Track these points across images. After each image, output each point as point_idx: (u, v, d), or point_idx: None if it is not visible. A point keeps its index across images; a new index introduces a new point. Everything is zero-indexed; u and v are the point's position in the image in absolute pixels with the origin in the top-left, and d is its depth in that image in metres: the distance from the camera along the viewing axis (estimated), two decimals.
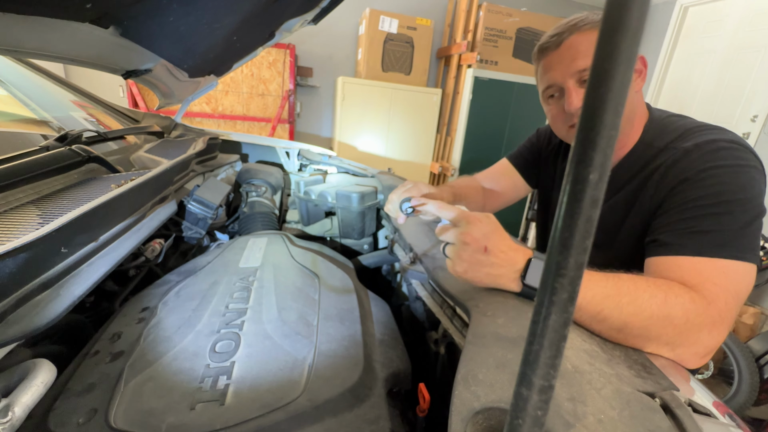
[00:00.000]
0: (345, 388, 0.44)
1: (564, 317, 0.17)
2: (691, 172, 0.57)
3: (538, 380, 0.18)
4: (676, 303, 0.47)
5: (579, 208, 0.16)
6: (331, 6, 0.96)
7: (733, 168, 0.55)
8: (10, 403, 0.35)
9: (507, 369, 0.38)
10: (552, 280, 0.17)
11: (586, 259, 0.17)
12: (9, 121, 0.89)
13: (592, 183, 0.15)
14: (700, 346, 0.48)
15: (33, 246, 0.39)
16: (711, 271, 0.51)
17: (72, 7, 0.54)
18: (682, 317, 0.47)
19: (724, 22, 3.06)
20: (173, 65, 0.93)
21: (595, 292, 0.47)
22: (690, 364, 0.48)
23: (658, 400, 0.38)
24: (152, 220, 0.67)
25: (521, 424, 0.19)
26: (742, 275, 0.51)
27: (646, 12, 0.14)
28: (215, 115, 2.93)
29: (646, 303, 0.47)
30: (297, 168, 1.45)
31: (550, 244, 0.17)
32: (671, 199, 0.59)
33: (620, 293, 0.47)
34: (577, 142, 0.16)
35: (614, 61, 0.15)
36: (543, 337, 0.17)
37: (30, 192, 0.58)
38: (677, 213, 0.57)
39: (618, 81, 0.15)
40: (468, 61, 3.07)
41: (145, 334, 0.51)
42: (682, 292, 0.48)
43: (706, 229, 0.53)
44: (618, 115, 0.15)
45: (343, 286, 0.69)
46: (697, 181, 0.56)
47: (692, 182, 0.57)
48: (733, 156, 0.56)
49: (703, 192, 0.55)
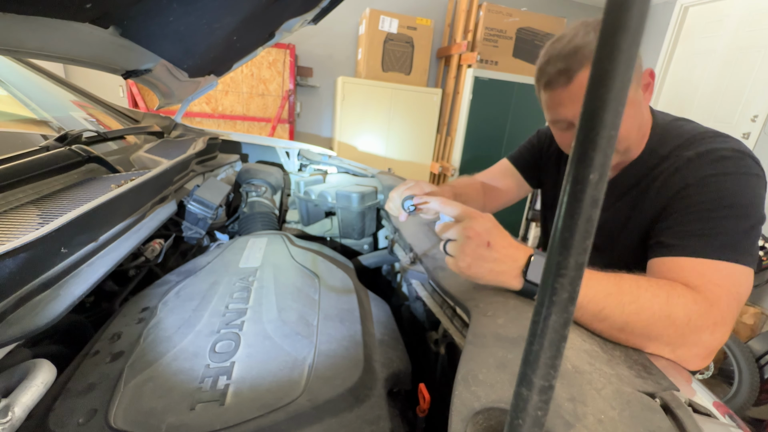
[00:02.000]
0: (345, 388, 0.44)
1: (564, 317, 0.17)
2: (694, 178, 0.58)
3: (538, 380, 0.18)
4: (678, 303, 0.47)
5: (579, 208, 0.16)
6: (331, 6, 0.96)
7: (736, 176, 0.56)
8: (10, 403, 0.35)
9: (507, 369, 0.38)
10: (552, 281, 0.17)
11: (587, 260, 0.17)
12: (9, 121, 0.89)
13: (592, 183, 0.15)
14: (702, 347, 0.48)
15: (33, 246, 0.39)
16: (713, 273, 0.51)
17: (72, 7, 0.54)
18: (684, 317, 0.47)
19: (724, 22, 3.06)
20: (173, 65, 0.93)
21: (596, 290, 0.47)
22: (691, 365, 0.48)
23: (659, 400, 0.38)
24: (152, 220, 0.67)
25: (521, 424, 0.19)
26: (743, 278, 0.51)
27: (646, 12, 0.14)
28: (215, 115, 2.93)
29: (648, 302, 0.46)
30: (297, 168, 1.45)
31: (551, 244, 0.17)
32: (674, 204, 0.59)
33: (622, 292, 0.47)
34: (577, 142, 0.16)
35: (614, 61, 0.15)
36: (543, 337, 0.17)
37: (30, 192, 0.58)
38: (680, 216, 0.57)
39: (618, 81, 0.15)
40: (468, 61, 3.07)
41: (145, 334, 0.51)
42: (685, 293, 0.48)
43: (709, 232, 0.54)
44: (618, 115, 0.15)
45: (343, 286, 0.69)
46: (701, 186, 0.57)
47: (695, 188, 0.57)
48: (736, 165, 0.56)
49: (706, 197, 0.56)
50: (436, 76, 3.54)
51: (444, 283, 0.58)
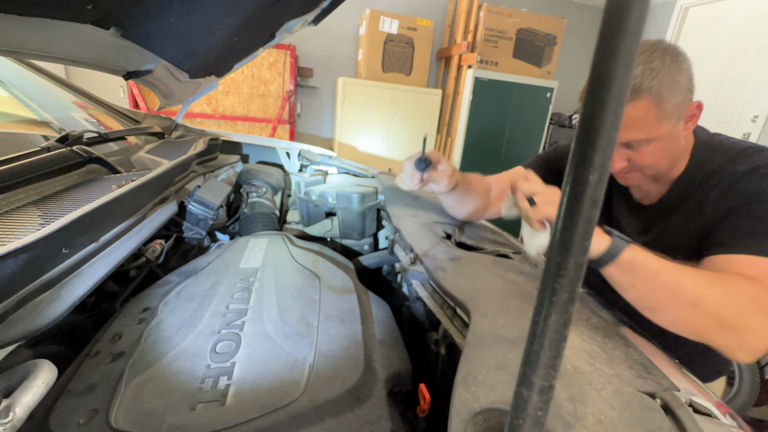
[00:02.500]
0: (345, 388, 0.44)
1: (564, 317, 0.17)
2: (755, 190, 0.60)
3: (538, 380, 0.18)
4: (738, 285, 0.51)
5: (579, 209, 0.16)
6: (331, 7, 0.96)
7: None
8: (11, 403, 0.35)
9: (507, 370, 0.38)
10: (552, 281, 0.17)
11: (586, 260, 0.17)
12: (10, 122, 0.89)
13: (592, 184, 0.15)
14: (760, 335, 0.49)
15: (34, 247, 0.39)
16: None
17: (73, 8, 0.54)
18: (744, 299, 0.49)
19: (724, 22, 3.06)
20: (174, 66, 0.93)
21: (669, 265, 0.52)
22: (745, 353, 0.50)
23: (659, 400, 0.38)
24: (153, 220, 0.67)
25: (521, 424, 0.19)
26: None
27: (645, 13, 0.15)
28: (216, 115, 2.93)
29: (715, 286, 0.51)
30: (297, 168, 1.45)
31: (551, 245, 0.17)
32: (732, 214, 0.61)
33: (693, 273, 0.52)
34: (577, 144, 0.16)
35: (614, 63, 0.15)
36: (543, 337, 0.17)
37: (31, 193, 0.58)
38: (738, 221, 0.60)
39: (617, 82, 0.15)
40: (468, 62, 3.07)
41: (145, 334, 0.51)
42: (745, 282, 0.51)
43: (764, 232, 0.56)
44: (618, 116, 0.15)
45: (343, 286, 0.69)
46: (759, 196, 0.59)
47: (754, 197, 0.60)
48: None
49: (763, 206, 0.58)
50: (436, 77, 3.54)
51: (444, 283, 0.58)
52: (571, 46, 3.78)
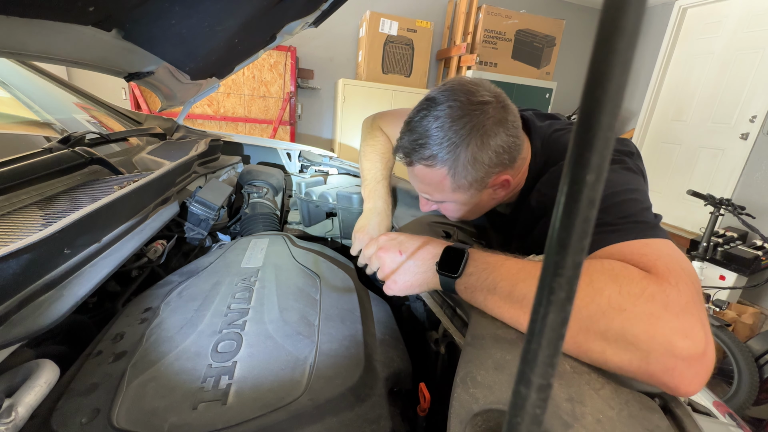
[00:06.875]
0: (346, 387, 0.44)
1: (562, 316, 0.17)
2: None
3: (536, 379, 0.18)
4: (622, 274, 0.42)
5: (576, 209, 0.16)
6: (331, 9, 0.97)
7: (615, 171, 0.56)
8: (13, 403, 0.35)
9: (506, 370, 0.38)
10: (550, 280, 0.17)
11: (584, 259, 0.17)
12: (12, 123, 0.90)
13: (589, 184, 0.16)
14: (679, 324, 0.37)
15: (36, 247, 0.40)
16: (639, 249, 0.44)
17: (75, 10, 0.54)
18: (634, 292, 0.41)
19: (722, 23, 3.06)
20: (175, 68, 0.93)
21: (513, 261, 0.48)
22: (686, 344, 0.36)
23: (657, 400, 0.38)
24: (155, 221, 0.67)
25: (520, 422, 0.19)
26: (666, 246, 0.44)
27: (642, 14, 0.15)
28: (217, 116, 2.94)
29: None
30: (298, 169, 1.45)
31: (548, 244, 0.17)
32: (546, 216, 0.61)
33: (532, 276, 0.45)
34: (574, 144, 0.16)
35: (610, 64, 0.15)
36: (541, 335, 0.18)
37: (33, 193, 0.59)
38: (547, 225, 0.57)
39: (614, 83, 0.15)
40: (467, 63, 3.08)
41: (147, 334, 0.51)
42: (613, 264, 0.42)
43: (612, 221, 0.48)
44: (614, 116, 0.15)
45: (344, 286, 0.69)
46: None
47: None
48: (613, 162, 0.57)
49: None
50: (435, 78, 3.55)
51: None
52: (570, 47, 3.79)
